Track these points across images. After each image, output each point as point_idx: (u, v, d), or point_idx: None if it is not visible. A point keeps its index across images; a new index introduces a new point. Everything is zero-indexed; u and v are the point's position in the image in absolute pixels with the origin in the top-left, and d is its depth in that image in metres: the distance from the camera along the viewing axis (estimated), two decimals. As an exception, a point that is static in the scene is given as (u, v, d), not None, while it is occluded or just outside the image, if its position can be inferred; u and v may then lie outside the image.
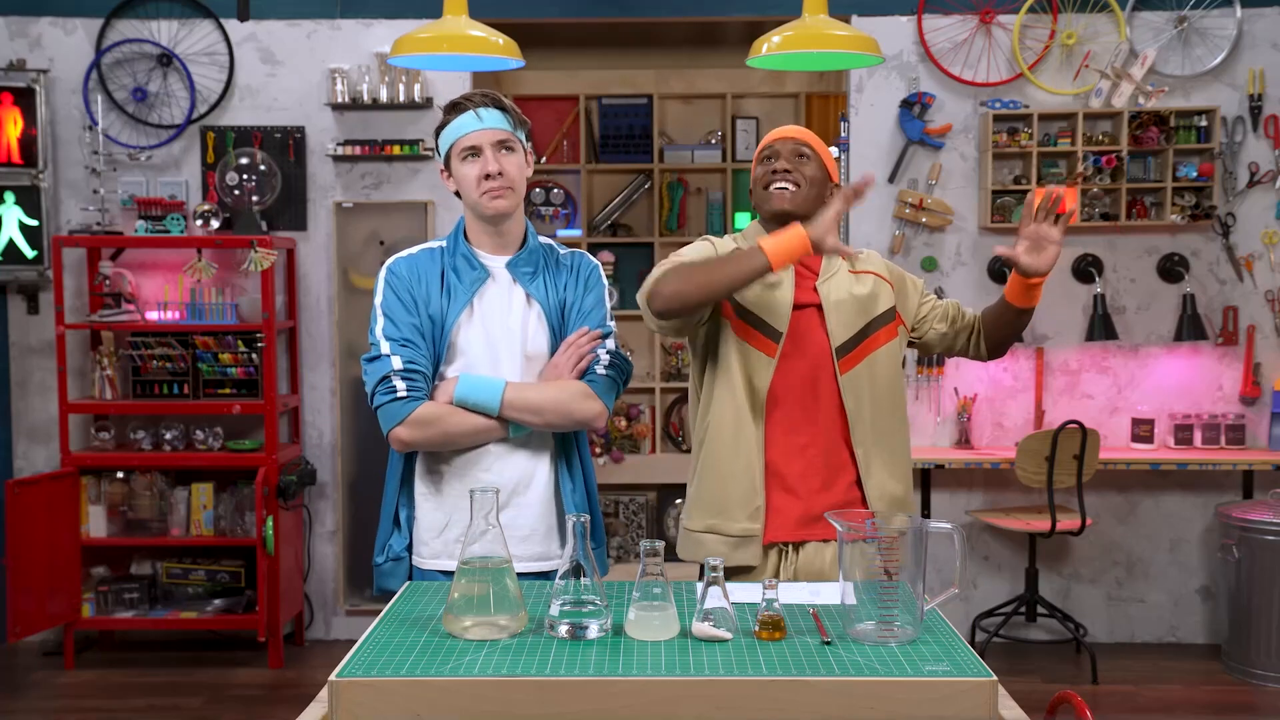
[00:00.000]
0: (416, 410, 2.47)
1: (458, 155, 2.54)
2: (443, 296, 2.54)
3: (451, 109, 2.55)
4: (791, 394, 2.62)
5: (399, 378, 2.48)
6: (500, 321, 2.55)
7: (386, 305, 2.55)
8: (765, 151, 2.68)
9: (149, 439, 5.26)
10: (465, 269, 2.56)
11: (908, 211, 5.35)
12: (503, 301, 2.57)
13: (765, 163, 2.67)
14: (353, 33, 5.38)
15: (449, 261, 2.58)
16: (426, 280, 2.55)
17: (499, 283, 2.58)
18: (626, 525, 6.28)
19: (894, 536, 1.98)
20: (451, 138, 2.55)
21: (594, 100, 6.52)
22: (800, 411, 2.62)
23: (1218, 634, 5.33)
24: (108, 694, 4.83)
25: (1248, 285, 5.35)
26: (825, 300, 2.64)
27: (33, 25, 5.37)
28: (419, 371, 2.49)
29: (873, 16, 5.30)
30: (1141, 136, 5.22)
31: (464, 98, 2.56)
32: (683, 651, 1.95)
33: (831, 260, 2.68)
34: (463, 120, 2.53)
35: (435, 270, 2.57)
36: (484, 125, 2.52)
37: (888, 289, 2.71)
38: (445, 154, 2.58)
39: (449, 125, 2.55)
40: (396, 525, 2.60)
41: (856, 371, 2.64)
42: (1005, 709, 1.84)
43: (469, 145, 2.52)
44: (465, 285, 2.55)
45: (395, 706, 1.83)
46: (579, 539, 2.07)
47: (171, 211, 5.19)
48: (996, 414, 5.42)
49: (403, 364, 2.49)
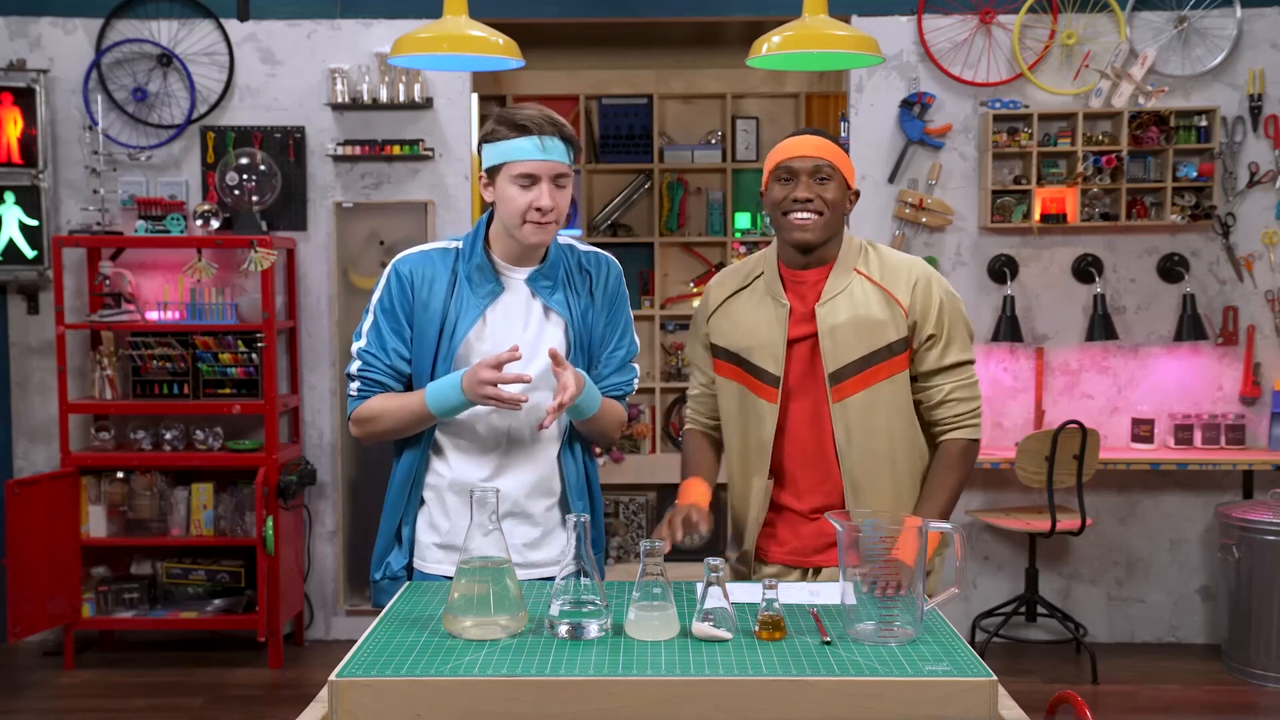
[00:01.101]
0: (357, 408, 2.53)
1: (510, 177, 2.42)
2: (451, 300, 2.49)
3: (514, 127, 2.41)
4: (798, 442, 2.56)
5: (355, 378, 2.53)
6: (514, 336, 2.50)
7: (380, 306, 2.54)
8: (782, 170, 2.53)
9: (149, 439, 5.26)
10: (480, 280, 2.50)
11: (908, 211, 5.35)
12: (518, 316, 2.52)
13: (783, 184, 2.52)
14: (353, 33, 5.38)
15: (464, 268, 2.51)
16: (432, 282, 2.51)
17: (515, 295, 2.52)
18: (626, 525, 6.29)
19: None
20: (507, 157, 2.42)
21: (594, 100, 6.52)
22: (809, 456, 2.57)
23: (1218, 634, 5.33)
24: (108, 694, 4.83)
25: (1248, 285, 5.35)
26: (821, 324, 2.52)
27: (33, 25, 5.37)
28: (373, 380, 2.51)
29: (873, 16, 5.30)
30: (1141, 136, 5.22)
31: (529, 119, 2.41)
32: (683, 651, 1.95)
33: (840, 275, 2.55)
34: (524, 145, 2.40)
35: (445, 272, 2.51)
36: (546, 157, 2.41)
37: (901, 319, 2.52)
38: (493, 166, 2.45)
39: (507, 143, 2.42)
40: (398, 541, 2.58)
41: (852, 402, 2.52)
42: (1005, 709, 1.84)
43: (527, 173, 2.41)
44: (479, 297, 2.49)
45: (395, 706, 1.83)
46: (579, 539, 2.07)
47: (171, 211, 5.19)
48: (996, 414, 5.42)
49: (358, 368, 2.53)
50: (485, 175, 2.48)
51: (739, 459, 2.64)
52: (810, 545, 2.60)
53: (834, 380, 2.52)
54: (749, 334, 2.59)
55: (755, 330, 2.57)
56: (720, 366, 2.64)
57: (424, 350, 2.51)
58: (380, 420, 2.51)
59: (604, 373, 2.59)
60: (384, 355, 2.51)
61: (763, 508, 2.60)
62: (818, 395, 2.54)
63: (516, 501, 2.52)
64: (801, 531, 2.61)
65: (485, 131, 2.48)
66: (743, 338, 2.59)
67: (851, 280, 2.55)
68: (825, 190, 2.50)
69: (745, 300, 2.63)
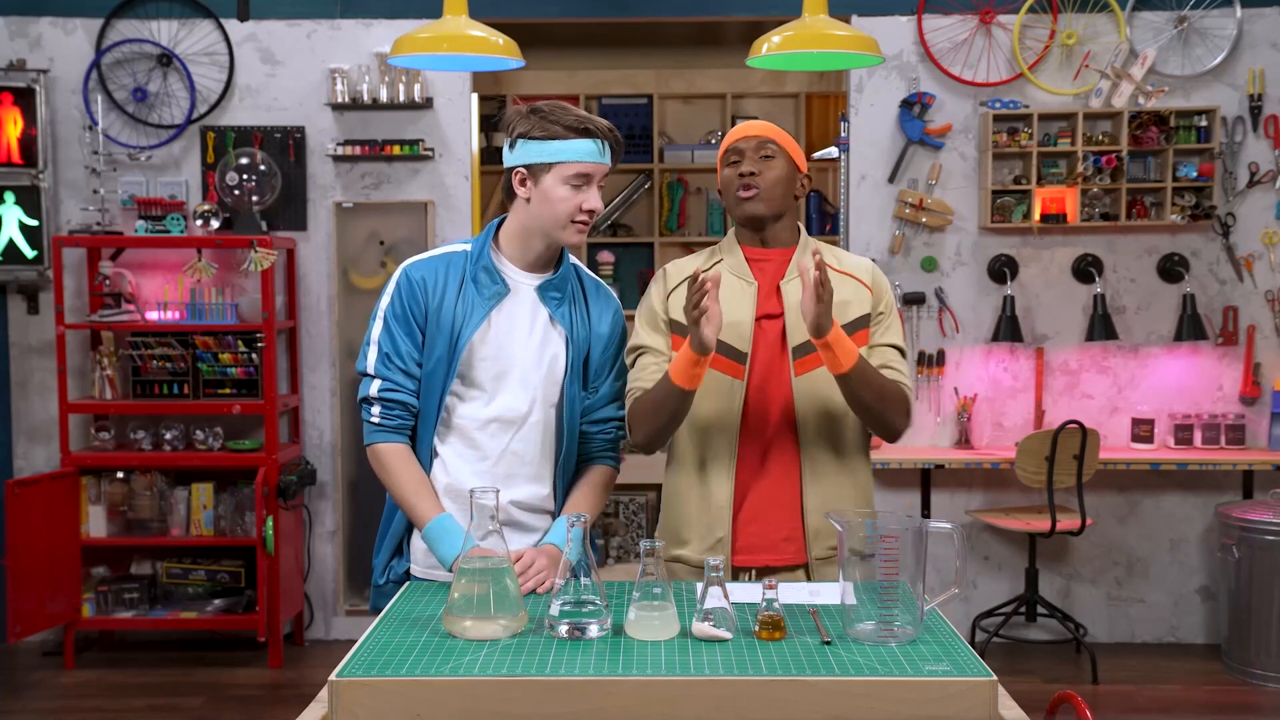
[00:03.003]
0: (375, 446, 2.49)
1: (562, 176, 2.40)
2: (459, 304, 2.46)
3: (572, 128, 2.39)
4: (764, 418, 2.52)
5: (376, 403, 2.48)
6: (518, 340, 2.48)
7: (390, 313, 2.49)
8: (730, 153, 2.57)
9: (149, 439, 5.26)
10: (486, 281, 2.47)
11: (908, 211, 5.35)
12: (524, 319, 2.49)
13: (731, 165, 2.55)
14: (353, 33, 5.38)
15: (470, 270, 2.49)
16: (443, 288, 2.48)
17: (521, 300, 2.49)
18: (626, 525, 6.28)
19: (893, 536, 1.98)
20: (564, 156, 2.39)
21: (594, 100, 6.52)
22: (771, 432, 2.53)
23: (1218, 634, 5.33)
24: (108, 694, 4.83)
25: (1248, 285, 5.35)
26: (787, 300, 2.53)
27: (33, 25, 5.37)
28: (396, 401, 2.47)
29: (873, 16, 5.30)
30: (1141, 136, 5.22)
31: (588, 121, 2.41)
32: (683, 651, 1.95)
33: (802, 257, 2.54)
34: (586, 146, 2.39)
35: (455, 277, 2.48)
36: (603, 160, 2.42)
37: (866, 296, 2.57)
38: (537, 164, 2.41)
39: (562, 143, 2.39)
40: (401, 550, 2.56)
41: (813, 376, 2.51)
42: (1005, 709, 1.84)
43: (584, 173, 2.40)
44: (484, 299, 2.47)
45: (395, 706, 1.83)
46: (578, 540, 2.07)
47: (171, 211, 5.19)
48: (996, 414, 5.42)
49: (379, 391, 2.47)
50: (523, 171, 2.44)
51: (699, 442, 2.55)
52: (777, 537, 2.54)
53: (797, 354, 2.52)
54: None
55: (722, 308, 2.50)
56: (679, 344, 2.55)
57: (435, 356, 2.47)
58: (388, 479, 2.49)
59: (597, 403, 2.58)
60: (397, 359, 2.47)
61: (730, 489, 2.53)
62: (781, 370, 2.53)
63: (511, 515, 2.50)
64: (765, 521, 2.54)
65: (525, 128, 2.42)
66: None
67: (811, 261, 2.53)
68: (770, 166, 2.54)
69: None
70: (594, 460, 2.60)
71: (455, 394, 2.50)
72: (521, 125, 2.44)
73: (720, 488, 2.54)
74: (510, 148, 2.46)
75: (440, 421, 2.51)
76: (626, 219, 6.62)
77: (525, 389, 2.49)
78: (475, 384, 2.49)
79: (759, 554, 2.55)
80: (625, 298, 6.32)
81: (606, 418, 2.59)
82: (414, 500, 2.46)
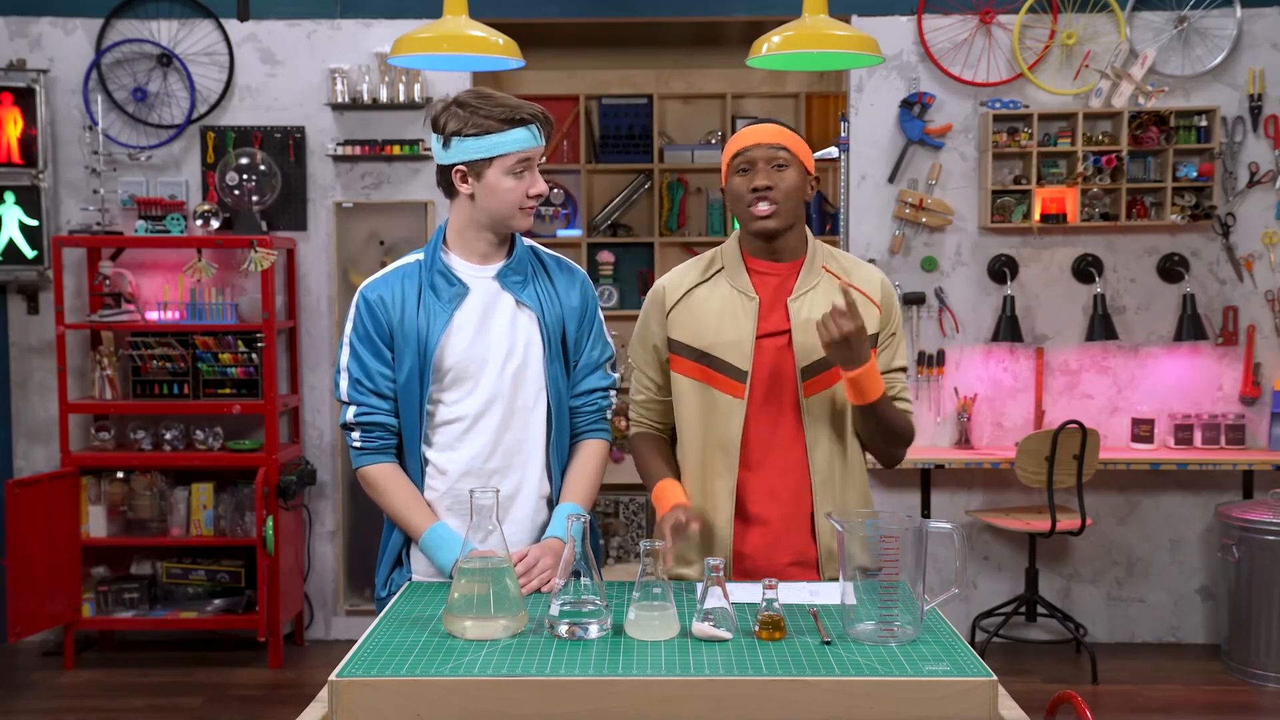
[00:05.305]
0: (362, 469, 2.51)
1: (505, 168, 2.41)
2: (420, 314, 2.46)
3: (503, 120, 2.39)
4: (765, 439, 2.48)
5: (355, 429, 2.49)
6: (488, 333, 2.48)
7: (355, 337, 2.49)
8: (740, 160, 2.48)
9: (149, 439, 5.26)
10: (443, 285, 2.48)
11: (908, 211, 5.35)
12: (486, 312, 2.49)
13: (742, 174, 2.48)
14: (353, 33, 5.38)
15: (426, 278, 2.49)
16: (401, 302, 2.48)
17: (482, 294, 2.49)
18: (626, 525, 6.28)
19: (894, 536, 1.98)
20: (504, 149, 2.40)
21: (594, 100, 6.52)
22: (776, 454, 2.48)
23: (1218, 634, 5.33)
24: (108, 694, 4.83)
25: (1248, 285, 5.35)
26: (795, 318, 2.46)
27: (33, 25, 5.37)
28: (374, 424, 2.48)
29: (873, 16, 5.30)
30: (1141, 136, 5.22)
31: (517, 108, 2.42)
32: (683, 651, 1.95)
33: (810, 272, 2.51)
34: (522, 134, 2.41)
35: (412, 289, 2.48)
36: (539, 143, 2.44)
37: (875, 315, 2.50)
38: (478, 160, 2.41)
39: (502, 135, 2.39)
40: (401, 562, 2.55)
41: (822, 397, 2.46)
42: (1005, 709, 1.84)
43: (525, 159, 2.42)
44: (445, 302, 2.47)
45: (395, 706, 1.83)
46: (578, 540, 2.07)
47: (171, 211, 5.19)
48: (996, 414, 5.42)
49: (355, 417, 2.48)
50: (464, 169, 2.43)
51: (699, 462, 2.53)
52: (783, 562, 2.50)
53: (805, 375, 2.47)
54: (713, 329, 2.50)
55: (720, 325, 2.49)
56: (679, 364, 2.54)
57: (407, 370, 2.47)
58: (380, 499, 2.51)
59: (579, 374, 2.58)
60: (368, 381, 2.47)
61: (730, 511, 2.50)
62: (787, 391, 2.48)
63: (510, 507, 2.50)
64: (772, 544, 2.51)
65: (458, 126, 2.41)
66: (706, 333, 2.51)
67: (821, 278, 2.52)
68: (784, 177, 2.46)
69: (706, 294, 2.54)
70: (584, 435, 2.60)
71: (435, 400, 2.50)
72: (453, 123, 2.42)
73: (720, 510, 2.51)
74: (445, 146, 2.44)
75: (425, 430, 2.50)
76: (626, 219, 6.62)
77: (504, 378, 2.48)
78: (452, 386, 2.49)
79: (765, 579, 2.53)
80: (625, 298, 6.34)
81: (591, 388, 2.59)
82: (407, 514, 2.48)
